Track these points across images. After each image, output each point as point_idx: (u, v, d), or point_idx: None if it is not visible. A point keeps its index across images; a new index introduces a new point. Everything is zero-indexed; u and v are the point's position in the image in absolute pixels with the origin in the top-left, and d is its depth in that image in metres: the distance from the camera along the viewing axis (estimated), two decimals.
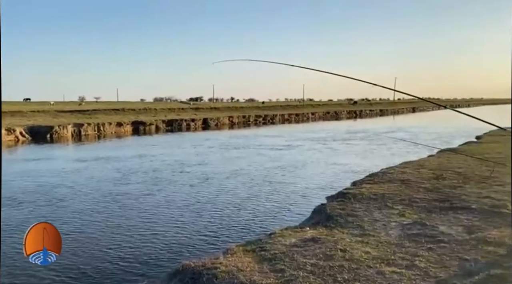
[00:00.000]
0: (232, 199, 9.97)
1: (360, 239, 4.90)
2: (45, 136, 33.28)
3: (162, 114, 50.70)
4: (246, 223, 7.83)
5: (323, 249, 4.46)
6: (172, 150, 21.72)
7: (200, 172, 13.93)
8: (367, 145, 21.71)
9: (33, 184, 12.32)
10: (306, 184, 11.65)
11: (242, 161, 16.77)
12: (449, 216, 5.74)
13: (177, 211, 9.11)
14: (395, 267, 3.96)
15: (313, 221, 6.17)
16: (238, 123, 49.77)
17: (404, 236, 4.96)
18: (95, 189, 11.45)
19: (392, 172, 9.48)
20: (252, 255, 4.46)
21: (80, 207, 9.59)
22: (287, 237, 5.11)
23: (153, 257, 6.19)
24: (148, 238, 7.20)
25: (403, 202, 6.59)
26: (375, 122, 50.39)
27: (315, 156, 18.09)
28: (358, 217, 5.88)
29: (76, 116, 44.47)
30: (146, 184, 12.11)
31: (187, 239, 7.05)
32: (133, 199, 10.28)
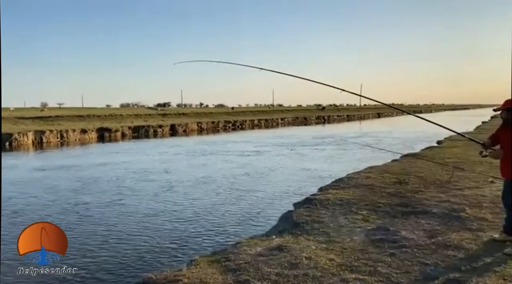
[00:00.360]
0: (198, 208, 9.78)
1: (325, 246, 4.92)
2: (4, 144, 31.86)
3: (129, 120, 49.70)
4: (211, 233, 7.69)
5: (289, 258, 4.44)
6: (136, 158, 21.25)
7: (164, 180, 13.64)
8: (334, 150, 22.06)
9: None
10: (274, 190, 11.65)
11: (208, 168, 16.61)
12: (411, 221, 5.87)
13: (139, 221, 8.78)
14: (358, 273, 3.99)
15: (280, 229, 6.15)
16: (207, 129, 49.45)
17: (368, 242, 5.02)
18: (52, 200, 10.92)
19: (357, 177, 9.64)
20: (217, 266, 4.38)
21: (34, 219, 9.14)
22: (253, 246, 5.06)
23: (113, 271, 5.94)
24: (107, 251, 6.90)
25: (367, 207, 6.69)
26: (342, 127, 51.37)
27: (283, 162, 18.17)
28: (324, 223, 5.92)
29: (38, 123, 42.88)
30: (107, 194, 11.72)
31: (150, 251, 6.81)
32: (93, 210, 9.86)
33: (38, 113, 54.04)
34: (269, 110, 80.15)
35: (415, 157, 13.06)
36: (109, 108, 79.92)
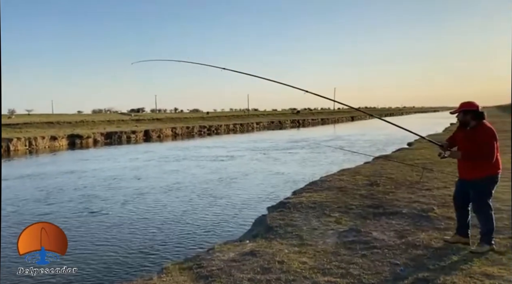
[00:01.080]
0: (169, 215, 9.59)
1: (298, 249, 4.93)
2: None
3: (101, 126, 48.70)
4: (184, 240, 7.55)
5: (261, 263, 4.42)
6: (107, 165, 20.80)
7: (134, 187, 13.35)
8: (308, 153, 22.22)
9: None
10: (248, 195, 11.61)
11: (181, 174, 16.42)
12: (382, 222, 5.96)
13: (106, 230, 8.46)
14: (330, 276, 4.01)
15: (254, 233, 6.13)
16: (182, 134, 49.00)
17: (340, 244, 5.06)
18: (12, 211, 10.49)
19: (330, 179, 9.73)
20: (188, 273, 4.32)
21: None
22: (226, 251, 5.01)
23: (80, 281, 5.75)
24: (72, 262, 6.63)
25: (340, 210, 6.75)
26: (317, 131, 51.90)
27: (257, 166, 18.18)
28: (297, 226, 5.93)
29: (5, 130, 41.36)
30: (72, 203, 11.31)
31: (118, 261, 6.59)
32: (56, 220, 9.48)
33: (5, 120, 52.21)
34: (244, 115, 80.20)
35: (386, 159, 13.32)
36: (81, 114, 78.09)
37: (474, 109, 4.46)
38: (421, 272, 3.99)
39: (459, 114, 4.57)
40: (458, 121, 4.66)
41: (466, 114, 4.50)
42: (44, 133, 39.93)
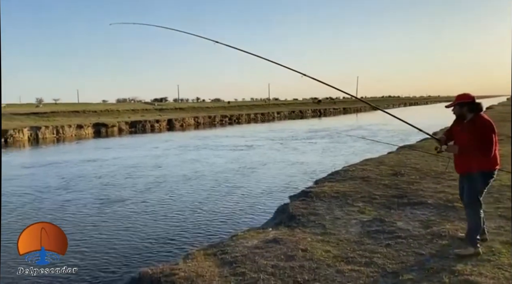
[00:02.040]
0: (190, 203, 9.72)
1: (321, 238, 4.94)
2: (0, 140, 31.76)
3: (125, 115, 49.56)
4: (207, 227, 7.67)
5: (285, 250, 4.46)
6: (129, 153, 21.20)
7: (155, 176, 13.53)
8: (329, 143, 22.04)
9: None
10: (268, 184, 11.63)
11: (201, 163, 16.58)
12: (406, 212, 5.90)
13: (128, 217, 8.66)
14: (354, 265, 4.01)
15: (276, 221, 6.17)
16: (204, 123, 49.40)
17: (363, 233, 5.05)
18: (35, 200, 10.75)
19: (353, 169, 9.65)
20: (213, 259, 4.40)
21: (13, 218, 8.90)
22: (249, 238, 5.07)
23: (108, 266, 5.92)
24: (100, 247, 6.81)
25: (363, 199, 6.71)
26: (338, 120, 51.41)
27: (277, 156, 18.18)
28: (320, 215, 5.93)
29: (34, 119, 42.64)
30: (94, 190, 11.57)
31: (144, 246, 6.75)
32: (78, 208, 9.74)
33: (33, 109, 53.71)
34: (265, 104, 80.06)
35: (411, 148, 13.09)
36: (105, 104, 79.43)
37: (469, 101, 4.24)
38: (446, 263, 3.95)
39: (455, 107, 4.35)
40: (455, 114, 4.41)
41: (462, 106, 4.28)
42: (71, 122, 40.95)
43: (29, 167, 16.95)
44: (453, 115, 4.45)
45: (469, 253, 4.08)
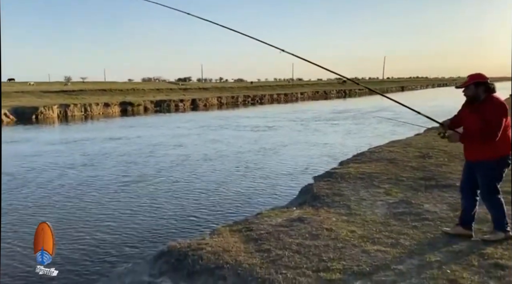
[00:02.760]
0: (215, 182, 9.84)
1: (346, 218, 4.92)
2: (31, 117, 32.78)
3: (151, 94, 50.15)
4: (230, 205, 7.79)
5: (309, 229, 4.47)
6: (153, 132, 21.53)
7: (177, 155, 13.71)
8: (353, 125, 21.73)
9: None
10: (291, 165, 11.64)
11: (225, 143, 16.70)
12: (434, 194, 5.80)
13: (151, 195, 8.82)
14: (380, 245, 3.99)
15: (300, 201, 6.18)
16: (227, 103, 49.50)
17: (389, 215, 5.00)
18: (56, 177, 11.01)
19: (379, 151, 9.52)
20: (238, 235, 4.46)
21: (33, 193, 9.21)
22: (274, 217, 5.11)
23: (136, 241, 6.12)
24: (125, 223, 7.04)
25: (389, 181, 6.62)
26: (363, 101, 50.53)
27: (301, 137, 18.10)
28: (345, 196, 5.90)
29: (62, 96, 43.73)
30: (116, 169, 11.77)
31: (169, 223, 6.93)
32: (102, 185, 9.90)
33: (62, 87, 54.98)
34: (289, 85, 79.37)
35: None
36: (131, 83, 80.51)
37: (485, 81, 3.88)
38: (476, 245, 3.88)
39: (467, 88, 3.95)
40: (466, 96, 4.01)
41: (478, 86, 3.88)
42: (98, 100, 41.76)
43: (56, 144, 17.48)
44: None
45: (500, 238, 3.93)
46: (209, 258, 3.72)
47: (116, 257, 5.56)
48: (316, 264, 3.57)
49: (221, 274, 3.46)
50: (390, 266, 3.53)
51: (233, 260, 3.66)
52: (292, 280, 3.29)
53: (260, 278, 3.32)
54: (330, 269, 3.46)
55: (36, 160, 13.44)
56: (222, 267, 3.55)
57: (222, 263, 3.60)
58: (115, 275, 4.02)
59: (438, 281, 3.21)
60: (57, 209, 8.08)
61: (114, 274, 4.05)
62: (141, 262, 4.00)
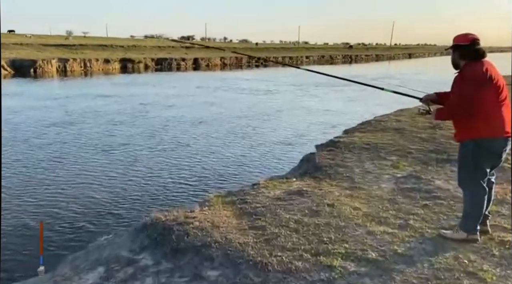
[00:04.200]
0: (211, 147, 9.29)
1: (349, 192, 4.51)
2: (29, 70, 32.06)
3: (152, 52, 48.97)
4: (226, 173, 7.31)
5: (309, 204, 4.07)
6: (148, 90, 20.91)
7: (170, 116, 13.14)
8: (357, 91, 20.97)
9: None
10: (293, 132, 11.16)
11: (222, 106, 16.14)
12: (446, 169, 5.36)
13: (140, 161, 8.21)
14: (387, 226, 3.59)
15: (301, 171, 5.76)
16: (230, 64, 48.42)
17: (397, 191, 4.58)
18: (34, 137, 10.40)
19: (386, 120, 9.02)
20: (232, 208, 4.06)
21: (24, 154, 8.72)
22: (272, 188, 4.70)
23: (120, 210, 5.70)
24: (107, 190, 6.52)
25: (397, 153, 6.18)
26: (369, 68, 49.39)
27: (303, 103, 17.51)
28: (349, 168, 5.48)
29: (62, 50, 42.72)
30: (101, 128, 11.15)
31: (157, 191, 6.38)
32: (82, 147, 9.29)
33: (63, 41, 53.60)
34: (294, 48, 77.48)
35: None
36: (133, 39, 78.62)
37: (464, 44, 3.12)
38: (495, 231, 3.47)
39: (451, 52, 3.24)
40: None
41: (454, 51, 3.20)
42: (98, 56, 40.77)
43: (45, 100, 16.92)
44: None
45: (458, 238, 3.26)
46: (196, 234, 3.33)
47: (99, 227, 5.20)
48: (316, 246, 3.18)
49: (208, 253, 3.08)
50: (398, 251, 3.13)
51: (223, 238, 3.27)
52: (287, 264, 2.90)
53: (252, 261, 2.94)
54: (331, 253, 3.07)
55: (17, 116, 12.89)
56: (210, 245, 3.16)
57: (210, 241, 3.21)
58: (94, 247, 3.66)
59: (454, 273, 2.82)
60: (33, 173, 7.50)
61: (93, 246, 3.69)
62: (123, 233, 3.62)
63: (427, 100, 3.53)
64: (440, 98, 3.46)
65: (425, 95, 3.58)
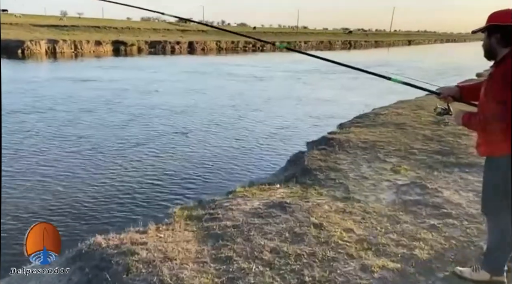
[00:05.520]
0: (184, 143, 8.09)
1: (342, 206, 3.76)
2: (16, 51, 30.89)
3: (146, 34, 47.63)
4: (199, 175, 6.22)
5: (291, 224, 3.32)
6: (132, 75, 19.94)
7: (143, 105, 11.95)
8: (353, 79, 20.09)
9: None
10: (282, 125, 10.24)
11: (206, 93, 15.21)
12: (455, 176, 4.62)
13: (99, 154, 7.15)
14: (386, 258, 2.85)
15: (287, 174, 5.00)
16: (226, 48, 47.25)
17: (398, 204, 3.84)
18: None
19: (385, 113, 8.25)
20: (196, 227, 3.31)
21: None
22: (249, 198, 3.95)
23: (64, 225, 4.63)
24: (55, 198, 5.41)
25: (398, 154, 5.43)
26: (368, 54, 48.40)
27: (297, 91, 16.64)
28: (342, 172, 4.72)
29: (53, 31, 41.41)
30: (66, 118, 10.02)
31: (112, 198, 5.30)
32: (44, 138, 8.26)
33: (57, 21, 52.05)
34: (293, 32, 76.04)
35: None
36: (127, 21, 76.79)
37: (506, 24, 2.19)
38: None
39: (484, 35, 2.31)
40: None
41: (490, 35, 2.27)
42: (90, 37, 39.51)
43: (15, 83, 15.82)
44: None
45: (482, 279, 2.55)
46: (140, 271, 2.57)
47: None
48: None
49: None
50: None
51: (174, 277, 2.51)
52: None
53: None
54: None
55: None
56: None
57: (154, 282, 2.45)
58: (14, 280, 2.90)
59: None
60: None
61: (14, 277, 2.92)
62: (53, 263, 2.85)
63: (447, 96, 2.67)
64: (462, 93, 2.62)
65: (443, 88, 2.72)
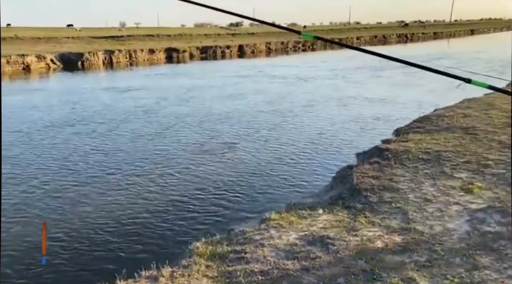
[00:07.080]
0: (219, 155, 7.43)
1: (400, 241, 3.03)
2: (77, 63, 32.49)
3: (198, 40, 48.34)
4: (231, 197, 5.51)
5: (335, 269, 2.65)
6: (175, 81, 19.78)
7: (182, 114, 11.32)
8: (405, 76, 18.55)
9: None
10: (327, 132, 9.19)
11: (251, 97, 14.54)
12: None
13: (127, 179, 6.58)
14: None
15: (332, 195, 4.30)
16: (276, 49, 46.70)
17: (474, 237, 3.03)
18: (38, 132, 9.58)
19: (450, 114, 7.21)
20: (218, 271, 2.75)
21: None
22: (285, 229, 3.32)
23: (72, 266, 4.10)
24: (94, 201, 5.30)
25: (468, 167, 4.52)
26: (426, 47, 45.51)
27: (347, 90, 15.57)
28: (400, 192, 3.94)
29: (110, 42, 43.17)
30: (104, 127, 9.99)
31: (128, 227, 4.83)
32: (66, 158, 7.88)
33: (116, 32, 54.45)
34: (344, 29, 73.86)
35: None
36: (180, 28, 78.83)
37: None
38: None
39: None
40: None
41: None
42: (144, 46, 40.72)
43: (67, 95, 16.17)
44: None
45: None
46: None
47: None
48: None
49: None
50: None
51: None
52: None
53: None
54: None
55: (13, 115, 11.72)
56: None
57: None
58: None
59: None
60: (30, 172, 6.70)
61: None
62: None
63: None
64: None
65: None
